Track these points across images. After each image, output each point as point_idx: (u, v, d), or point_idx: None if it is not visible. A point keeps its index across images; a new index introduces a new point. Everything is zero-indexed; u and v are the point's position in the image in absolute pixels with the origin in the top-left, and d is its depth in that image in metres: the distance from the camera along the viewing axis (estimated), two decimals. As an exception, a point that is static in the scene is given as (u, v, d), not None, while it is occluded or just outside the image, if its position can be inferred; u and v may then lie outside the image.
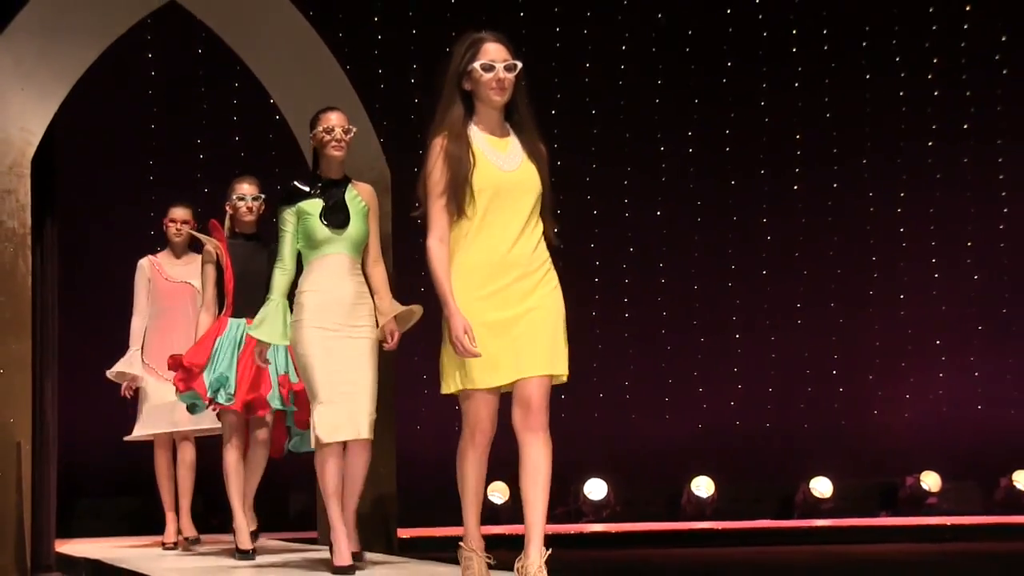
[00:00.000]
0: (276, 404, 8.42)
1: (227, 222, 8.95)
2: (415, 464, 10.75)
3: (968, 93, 13.77)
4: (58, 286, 10.70)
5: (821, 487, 12.67)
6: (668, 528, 12.18)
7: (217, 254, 8.58)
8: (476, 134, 5.91)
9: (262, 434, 8.63)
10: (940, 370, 13.36)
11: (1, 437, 9.85)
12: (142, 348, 9.84)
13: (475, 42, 5.96)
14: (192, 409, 8.65)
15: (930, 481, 12.85)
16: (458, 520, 6.23)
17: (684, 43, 13.66)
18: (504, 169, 5.86)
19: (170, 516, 9.87)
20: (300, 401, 8.29)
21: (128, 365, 9.71)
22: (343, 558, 7.31)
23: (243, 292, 8.50)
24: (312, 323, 7.34)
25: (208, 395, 8.28)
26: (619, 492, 13.02)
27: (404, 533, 10.47)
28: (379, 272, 7.61)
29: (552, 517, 12.55)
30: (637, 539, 11.94)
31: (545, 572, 5.83)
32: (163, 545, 9.84)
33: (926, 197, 13.39)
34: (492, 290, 5.80)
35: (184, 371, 8.30)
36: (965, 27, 13.93)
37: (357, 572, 7.33)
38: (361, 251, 7.58)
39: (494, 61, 5.87)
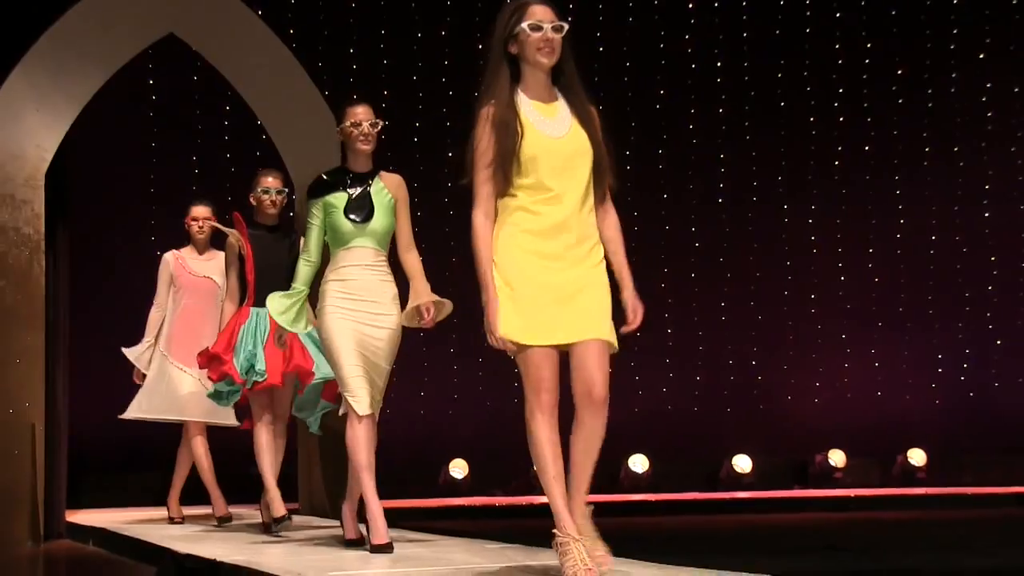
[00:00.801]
0: (327, 371, 7.73)
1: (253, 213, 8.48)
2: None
3: (869, 119, 13.72)
4: (68, 285, 10.59)
5: (742, 463, 12.71)
6: (609, 499, 12.14)
7: (239, 245, 8.12)
8: (524, 101, 5.36)
9: (280, 416, 8.23)
10: (845, 361, 13.39)
11: (17, 419, 9.82)
12: (164, 339, 9.35)
13: (521, 5, 5.40)
14: (221, 399, 8.14)
15: (836, 458, 12.93)
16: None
17: (623, 73, 13.55)
18: (553, 136, 5.29)
19: (214, 494, 9.36)
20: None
21: (136, 356, 9.31)
22: (380, 536, 6.77)
23: (264, 282, 8.01)
24: (337, 311, 6.90)
25: (241, 377, 7.84)
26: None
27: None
28: (412, 258, 7.07)
29: (513, 489, 12.54)
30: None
31: (592, 528, 5.46)
32: (218, 520, 9.25)
33: (833, 210, 13.38)
34: (549, 251, 5.25)
35: (214, 361, 7.91)
36: (867, 61, 13.91)
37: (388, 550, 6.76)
38: (386, 243, 7.10)
39: (541, 21, 5.31)
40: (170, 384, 9.02)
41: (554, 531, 5.28)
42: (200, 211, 9.38)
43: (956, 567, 5.68)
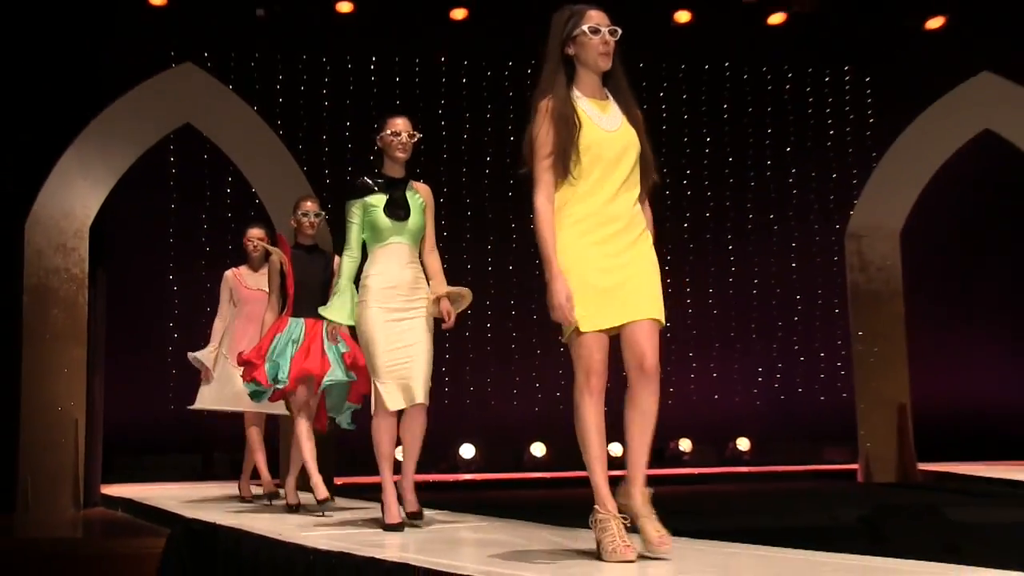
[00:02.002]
0: (339, 376, 7.05)
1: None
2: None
3: (708, 193, 13.64)
4: (105, 312, 10.48)
5: (615, 450, 12.54)
6: (515, 477, 12.11)
7: (281, 263, 7.42)
8: (579, 97, 4.75)
9: (303, 407, 7.38)
10: (691, 372, 13.27)
11: (63, 415, 9.64)
12: (225, 343, 8.56)
13: (579, 10, 4.79)
14: (255, 397, 7.39)
15: (684, 445, 12.91)
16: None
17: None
18: (607, 130, 4.70)
19: (265, 475, 8.47)
20: (360, 375, 7.08)
21: (205, 357, 8.54)
22: (393, 516, 6.05)
23: (302, 295, 7.31)
24: (376, 304, 6.11)
25: (268, 381, 7.14)
26: (483, 452, 12.74)
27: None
28: (435, 259, 6.35)
29: (438, 471, 12.40)
30: (496, 485, 11.71)
31: (652, 509, 4.63)
32: (267, 497, 8.35)
33: (683, 259, 13.25)
34: (601, 237, 4.61)
35: (247, 365, 7.24)
36: (706, 151, 13.87)
37: (407, 528, 6.03)
38: (419, 241, 6.33)
39: (600, 25, 4.71)
40: (230, 381, 8.27)
41: (595, 507, 4.57)
42: (255, 233, 8.69)
43: (776, 525, 5.38)
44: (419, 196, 6.35)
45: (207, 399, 8.44)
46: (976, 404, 12.84)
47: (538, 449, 12.90)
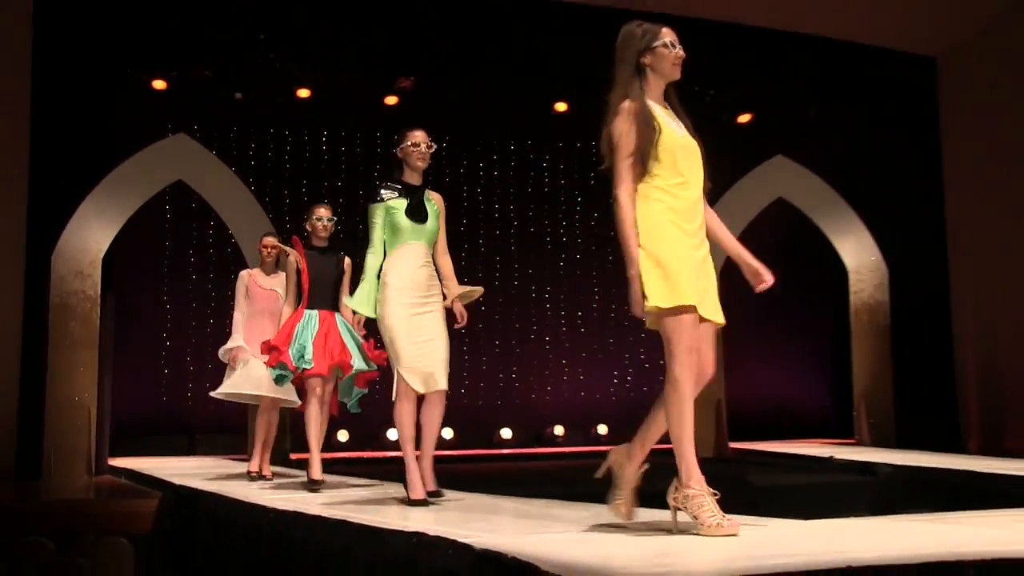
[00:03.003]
0: (361, 365, 6.47)
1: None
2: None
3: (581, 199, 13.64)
4: (113, 324, 10.40)
5: (505, 433, 12.49)
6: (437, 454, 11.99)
7: (297, 263, 6.77)
8: (651, 104, 4.14)
9: (325, 398, 6.63)
10: (563, 372, 13.15)
11: (79, 404, 9.65)
12: (242, 336, 7.68)
13: (652, 26, 4.22)
14: (279, 380, 6.65)
15: (558, 430, 12.69)
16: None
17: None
18: (679, 134, 4.11)
19: (258, 454, 7.65)
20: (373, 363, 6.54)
21: (233, 342, 7.64)
22: (417, 492, 5.27)
23: (316, 291, 6.69)
24: (396, 300, 5.42)
25: (293, 364, 6.43)
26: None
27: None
28: (447, 262, 5.68)
29: (375, 446, 12.15)
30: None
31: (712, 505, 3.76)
32: (249, 474, 7.61)
33: (559, 281, 13.16)
34: (687, 230, 3.99)
35: (273, 350, 6.51)
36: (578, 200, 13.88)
37: (431, 504, 5.25)
38: (433, 244, 5.64)
39: (675, 41, 4.19)
40: (247, 368, 7.46)
41: (683, 484, 3.86)
42: (269, 240, 7.87)
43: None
44: (434, 203, 5.69)
45: (228, 385, 7.58)
46: (773, 398, 13.07)
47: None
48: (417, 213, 5.53)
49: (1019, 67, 10.62)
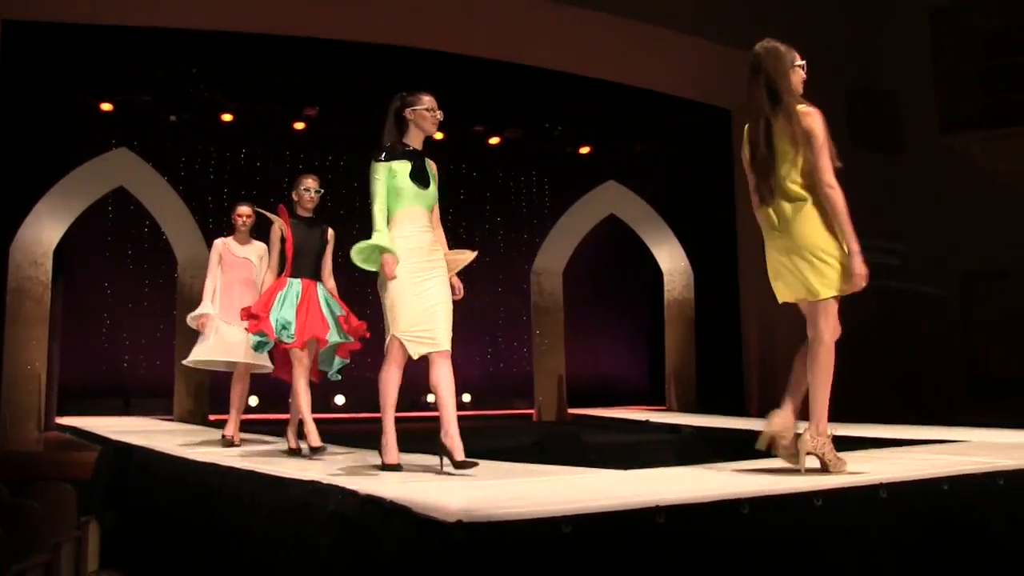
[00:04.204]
0: (336, 338, 5.37)
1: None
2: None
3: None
4: (62, 304, 10.03)
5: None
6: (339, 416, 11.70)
7: (282, 231, 5.60)
8: None
9: (305, 361, 5.44)
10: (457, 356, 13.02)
11: (31, 372, 9.22)
12: (215, 302, 6.33)
13: (789, 50, 3.83)
14: (258, 347, 5.49)
15: (431, 398, 12.04)
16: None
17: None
18: None
19: (234, 420, 6.21)
20: (351, 335, 5.45)
21: (202, 309, 6.26)
22: (392, 457, 4.31)
23: (301, 259, 5.52)
24: (401, 264, 4.30)
25: (274, 334, 5.28)
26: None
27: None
28: (441, 231, 4.50)
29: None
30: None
31: (830, 447, 3.63)
32: (223, 438, 6.21)
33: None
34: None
35: (254, 317, 5.34)
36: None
37: (404, 470, 4.30)
38: (432, 208, 4.49)
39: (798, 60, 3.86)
40: (220, 335, 6.19)
41: (817, 433, 3.60)
42: (244, 209, 6.47)
43: (486, 447, 4.88)
44: (433, 169, 4.56)
45: (201, 352, 6.27)
46: (603, 373, 13.25)
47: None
48: (420, 177, 4.45)
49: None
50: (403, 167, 4.39)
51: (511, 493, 3.33)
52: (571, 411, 11.71)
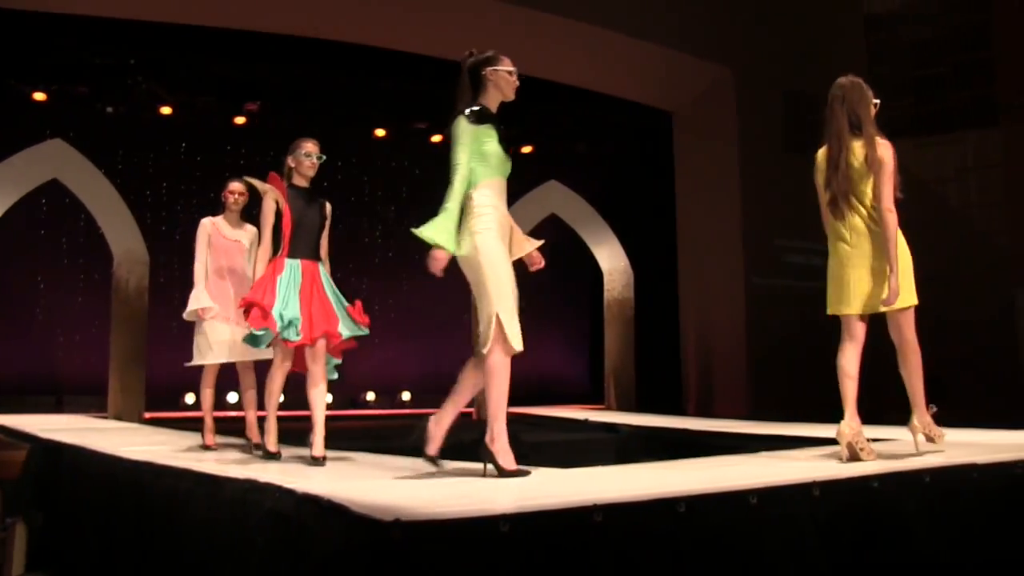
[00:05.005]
0: (349, 332, 4.63)
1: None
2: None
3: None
4: None
5: (327, 398, 12.04)
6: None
7: (277, 202, 4.72)
8: None
9: (319, 357, 4.61)
10: (374, 349, 12.94)
11: None
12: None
13: (868, 87, 4.22)
14: (255, 342, 4.61)
15: (370, 396, 12.40)
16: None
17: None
18: None
19: (209, 425, 5.57)
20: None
21: (197, 301, 5.42)
22: (511, 461, 3.79)
23: (300, 236, 4.67)
24: (498, 236, 3.71)
25: (278, 329, 4.46)
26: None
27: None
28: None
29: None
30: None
31: (932, 424, 4.20)
32: (203, 447, 5.52)
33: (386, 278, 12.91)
34: None
35: (259, 310, 4.48)
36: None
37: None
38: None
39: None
40: (207, 336, 5.40)
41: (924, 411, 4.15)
42: (236, 186, 5.59)
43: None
44: None
45: (205, 354, 5.46)
46: (543, 371, 13.25)
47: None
48: (507, 144, 3.86)
49: (726, 121, 11.16)
50: (491, 132, 3.82)
51: (450, 492, 3.32)
52: (511, 410, 11.66)
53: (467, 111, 3.83)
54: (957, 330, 9.62)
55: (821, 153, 4.26)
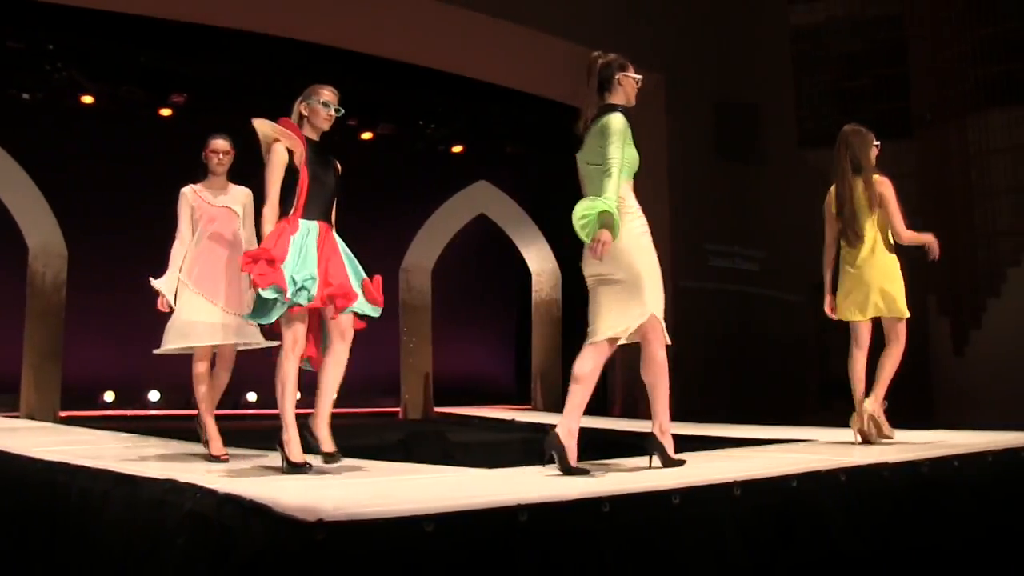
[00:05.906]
0: (364, 307, 3.85)
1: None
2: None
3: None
4: None
5: (250, 397, 11.87)
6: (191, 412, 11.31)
7: (291, 152, 3.90)
8: None
9: (348, 333, 3.85)
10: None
11: None
12: (186, 271, 4.49)
13: (869, 132, 4.86)
14: (259, 310, 3.76)
15: (252, 396, 11.63)
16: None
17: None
18: None
19: (210, 423, 4.61)
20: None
21: (164, 285, 4.45)
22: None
23: (317, 194, 3.89)
24: (646, 239, 3.72)
25: (289, 293, 3.62)
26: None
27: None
28: None
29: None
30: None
31: (878, 411, 4.73)
32: (212, 458, 4.48)
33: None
34: None
35: (264, 265, 3.62)
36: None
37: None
38: None
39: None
40: (198, 314, 4.41)
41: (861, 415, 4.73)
42: (220, 144, 4.68)
43: (349, 444, 4.76)
44: None
45: (174, 339, 4.48)
46: (470, 372, 13.28)
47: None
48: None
49: (656, 126, 11.30)
50: (631, 134, 3.69)
51: (374, 492, 3.29)
52: (437, 409, 11.72)
53: (621, 109, 3.82)
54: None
55: (832, 190, 4.91)
